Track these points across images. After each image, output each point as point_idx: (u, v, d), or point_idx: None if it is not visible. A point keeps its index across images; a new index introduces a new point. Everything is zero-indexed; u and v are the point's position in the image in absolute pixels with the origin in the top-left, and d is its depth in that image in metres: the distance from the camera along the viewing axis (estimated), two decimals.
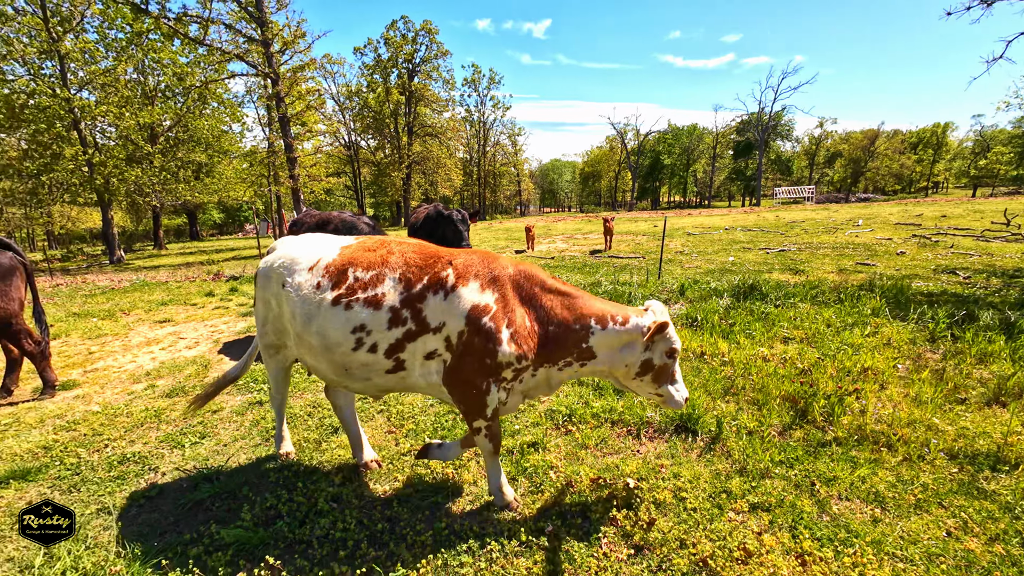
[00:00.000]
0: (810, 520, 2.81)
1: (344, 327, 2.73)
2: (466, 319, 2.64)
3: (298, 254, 3.03)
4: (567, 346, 2.77)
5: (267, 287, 3.09)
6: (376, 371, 2.81)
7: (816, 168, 75.88)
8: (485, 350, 2.63)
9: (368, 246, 2.97)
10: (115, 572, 2.57)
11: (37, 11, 20.90)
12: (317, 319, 2.79)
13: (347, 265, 2.85)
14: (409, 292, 2.72)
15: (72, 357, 6.62)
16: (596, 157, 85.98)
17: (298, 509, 3.05)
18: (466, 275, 2.72)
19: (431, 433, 3.97)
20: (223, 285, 12.48)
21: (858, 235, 17.35)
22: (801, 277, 9.77)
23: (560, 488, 3.20)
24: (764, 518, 2.85)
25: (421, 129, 52.03)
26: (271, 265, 3.09)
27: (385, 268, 2.80)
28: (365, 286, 2.76)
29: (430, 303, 2.69)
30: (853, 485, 3.10)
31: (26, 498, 3.33)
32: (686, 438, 3.78)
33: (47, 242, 44.88)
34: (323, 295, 2.80)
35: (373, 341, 2.72)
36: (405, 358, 2.76)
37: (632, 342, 2.76)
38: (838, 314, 6.57)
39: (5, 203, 34.46)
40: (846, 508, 2.93)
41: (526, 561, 2.59)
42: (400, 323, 2.70)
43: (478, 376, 2.68)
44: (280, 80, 22.51)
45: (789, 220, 25.84)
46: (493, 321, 2.63)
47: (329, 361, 2.84)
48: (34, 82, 21.23)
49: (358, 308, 2.72)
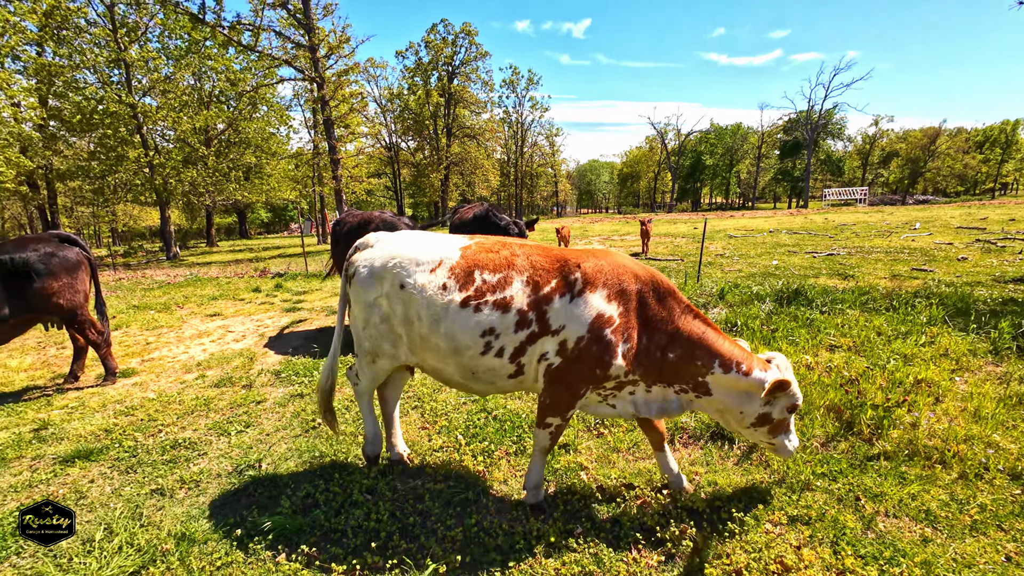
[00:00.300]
0: (853, 536, 2.69)
1: (473, 330, 2.71)
2: (589, 327, 2.62)
3: (414, 254, 2.93)
4: (683, 376, 2.75)
5: (376, 287, 2.96)
6: (500, 375, 2.82)
7: (870, 168, 72.14)
8: (600, 361, 2.63)
9: (488, 247, 2.93)
10: (165, 550, 2.73)
11: (107, 23, 22.41)
12: (445, 321, 2.75)
13: (473, 267, 2.81)
14: (536, 295, 2.70)
15: (131, 347, 7.06)
16: (635, 158, 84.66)
17: (334, 499, 3.15)
18: (595, 282, 2.68)
19: (463, 431, 4.02)
20: (269, 282, 13.02)
21: (915, 239, 16.40)
22: (850, 282, 9.32)
23: (591, 491, 3.18)
24: (804, 532, 2.75)
25: (460, 130, 52.73)
26: (384, 266, 2.96)
27: (512, 270, 2.78)
28: (493, 288, 2.73)
29: (555, 306, 2.67)
30: (902, 502, 2.94)
31: (89, 476, 3.58)
32: (722, 445, 3.68)
33: (111, 239, 47.96)
34: (451, 296, 2.75)
35: (501, 345, 2.71)
36: (525, 362, 2.76)
37: (751, 393, 2.72)
38: (890, 322, 6.23)
39: (75, 202, 37.08)
40: (893, 526, 2.79)
41: (554, 562, 2.59)
42: (525, 326, 2.69)
43: (582, 382, 2.69)
44: (325, 84, 23.28)
45: (839, 223, 24.69)
46: (614, 334, 2.61)
47: (457, 364, 2.83)
48: (103, 89, 22.77)
49: (487, 311, 2.70)
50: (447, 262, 2.86)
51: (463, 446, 3.77)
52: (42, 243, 5.16)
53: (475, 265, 2.82)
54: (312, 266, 15.99)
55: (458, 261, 2.86)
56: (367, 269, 3.02)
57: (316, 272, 14.37)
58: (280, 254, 24.48)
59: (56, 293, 5.08)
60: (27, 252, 4.97)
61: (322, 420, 3.57)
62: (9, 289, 4.86)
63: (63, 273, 5.14)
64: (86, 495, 3.35)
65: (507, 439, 3.84)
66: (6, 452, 3.95)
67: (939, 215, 25.86)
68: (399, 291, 2.88)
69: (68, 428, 4.37)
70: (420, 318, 2.82)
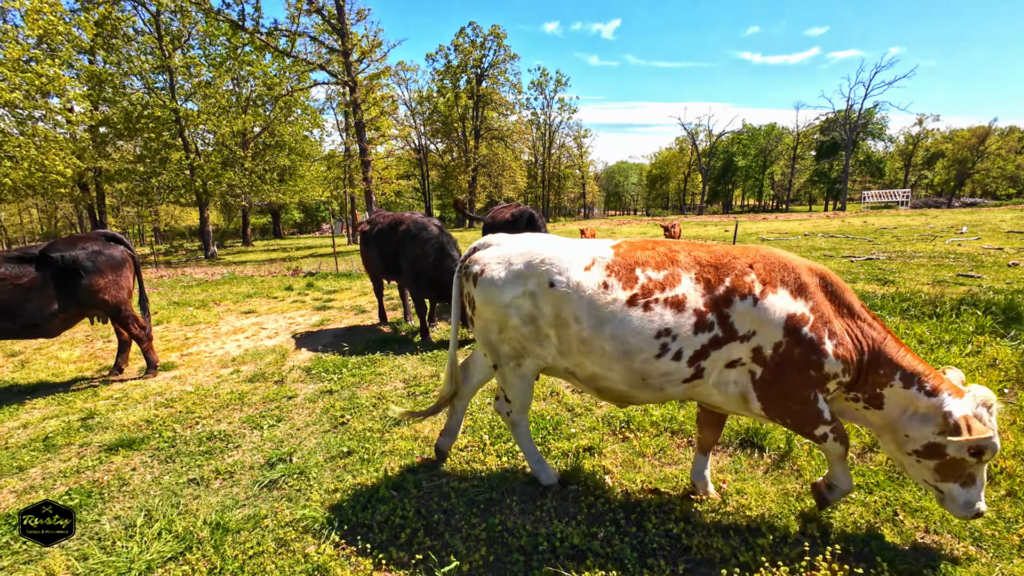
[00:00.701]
0: (891, 552, 2.58)
1: (647, 331, 2.52)
2: (784, 329, 2.44)
3: (560, 252, 2.78)
4: (863, 383, 2.54)
5: (516, 286, 2.77)
6: (673, 380, 2.61)
7: (913, 170, 69.21)
8: (809, 361, 2.43)
9: (642, 245, 2.78)
10: (201, 537, 2.84)
11: (152, 30, 23.48)
12: (611, 323, 2.56)
13: (633, 264, 2.65)
14: (711, 294, 2.52)
15: (172, 341, 7.36)
16: (664, 159, 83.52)
17: (361, 494, 3.21)
18: (772, 281, 2.51)
19: (488, 431, 4.04)
20: (300, 280, 13.37)
21: (961, 243, 15.64)
22: (890, 288, 8.96)
23: (615, 495, 3.15)
24: (837, 546, 2.66)
25: (488, 132, 53.03)
26: (527, 263, 2.78)
27: (676, 267, 2.61)
28: (661, 286, 2.55)
29: (737, 308, 2.48)
30: (945, 518, 2.81)
31: (131, 464, 3.74)
32: (751, 453, 3.60)
33: (154, 237, 50.09)
34: (614, 296, 2.57)
35: (678, 347, 2.52)
36: (705, 366, 2.56)
37: (928, 416, 2.41)
38: (933, 330, 5.97)
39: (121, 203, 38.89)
40: (933, 542, 2.67)
41: (578, 565, 2.57)
42: (706, 328, 2.50)
43: (803, 388, 2.48)
44: (357, 87, 23.77)
45: (879, 226, 23.77)
46: (814, 331, 2.43)
47: (626, 369, 2.61)
48: (148, 95, 23.85)
49: (659, 310, 2.52)
50: (602, 259, 2.69)
51: (487, 446, 3.79)
52: (89, 242, 5.43)
53: (636, 263, 2.64)
54: (342, 266, 16.33)
55: (615, 259, 2.68)
56: (503, 267, 2.81)
57: (346, 272, 14.67)
58: (311, 254, 25.10)
59: (102, 289, 5.34)
60: (76, 250, 5.24)
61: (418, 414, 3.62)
62: (60, 286, 5.13)
63: (109, 270, 5.41)
64: (128, 482, 3.51)
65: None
66: (56, 439, 4.18)
67: (988, 218, 24.59)
68: (548, 289, 2.69)
69: (113, 418, 4.59)
70: (579, 319, 2.62)
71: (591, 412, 4.31)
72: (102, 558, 2.72)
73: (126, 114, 23.18)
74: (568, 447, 3.73)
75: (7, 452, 4.01)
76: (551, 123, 65.42)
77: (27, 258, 5.07)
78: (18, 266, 4.99)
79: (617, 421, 4.09)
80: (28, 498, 3.36)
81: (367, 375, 5.44)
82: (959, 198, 56.54)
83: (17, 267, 4.97)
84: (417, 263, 6.71)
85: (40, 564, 2.70)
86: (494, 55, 51.90)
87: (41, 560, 2.74)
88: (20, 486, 3.54)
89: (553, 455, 3.64)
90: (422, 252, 6.68)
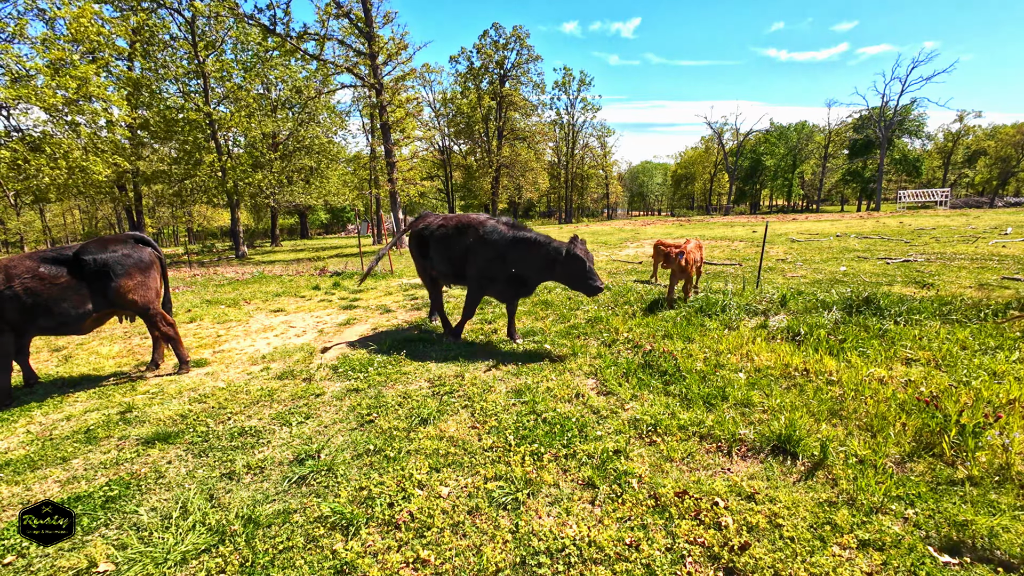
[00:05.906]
0: (933, 567, 2.47)
1: None
2: None
3: None
4: None
5: None
6: None
7: (952, 168, 66.55)
8: None
9: None
10: (233, 531, 2.90)
11: (187, 35, 24.26)
12: None
13: None
14: None
15: (204, 339, 7.57)
16: (690, 159, 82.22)
17: (387, 492, 3.24)
18: None
19: (513, 432, 4.03)
20: (327, 280, 13.61)
21: (1006, 245, 14.94)
22: (930, 291, 8.62)
23: (643, 499, 3.10)
24: (876, 558, 2.56)
25: (511, 133, 53.07)
26: None
27: None
28: None
29: None
30: (992, 532, 2.68)
31: (167, 457, 3.86)
32: (784, 461, 3.50)
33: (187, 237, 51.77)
34: None
35: None
36: None
37: None
38: (976, 335, 5.71)
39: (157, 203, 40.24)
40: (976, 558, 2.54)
41: (605, 570, 2.54)
42: None
43: None
44: (383, 90, 24.06)
45: (916, 227, 22.91)
46: None
47: None
48: (183, 98, 24.65)
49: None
50: None
51: (513, 447, 3.78)
52: (119, 244, 5.60)
53: None
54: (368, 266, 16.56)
55: None
56: None
57: (372, 272, 14.85)
58: (338, 254, 25.52)
59: (132, 290, 5.51)
60: (107, 253, 5.42)
61: None
62: (93, 287, 5.32)
63: (137, 272, 5.58)
64: (164, 475, 3.61)
65: (556, 442, 3.81)
66: (97, 431, 4.34)
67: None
68: None
69: (149, 412, 4.74)
70: None
71: (617, 415, 4.26)
72: (140, 548, 2.80)
73: (162, 117, 24.01)
74: (594, 449, 3.68)
75: (52, 443, 4.18)
76: (574, 123, 65.10)
77: (62, 259, 5.26)
78: (55, 266, 5.18)
79: (644, 424, 4.03)
80: (71, 488, 3.50)
81: (393, 374, 5.49)
82: (1002, 197, 54.05)
83: (54, 267, 5.17)
84: (527, 264, 6.14)
85: (82, 552, 2.80)
86: (517, 56, 51.92)
87: (83, 548, 2.84)
88: (64, 476, 3.68)
89: (579, 459, 3.60)
90: (534, 254, 6.08)
